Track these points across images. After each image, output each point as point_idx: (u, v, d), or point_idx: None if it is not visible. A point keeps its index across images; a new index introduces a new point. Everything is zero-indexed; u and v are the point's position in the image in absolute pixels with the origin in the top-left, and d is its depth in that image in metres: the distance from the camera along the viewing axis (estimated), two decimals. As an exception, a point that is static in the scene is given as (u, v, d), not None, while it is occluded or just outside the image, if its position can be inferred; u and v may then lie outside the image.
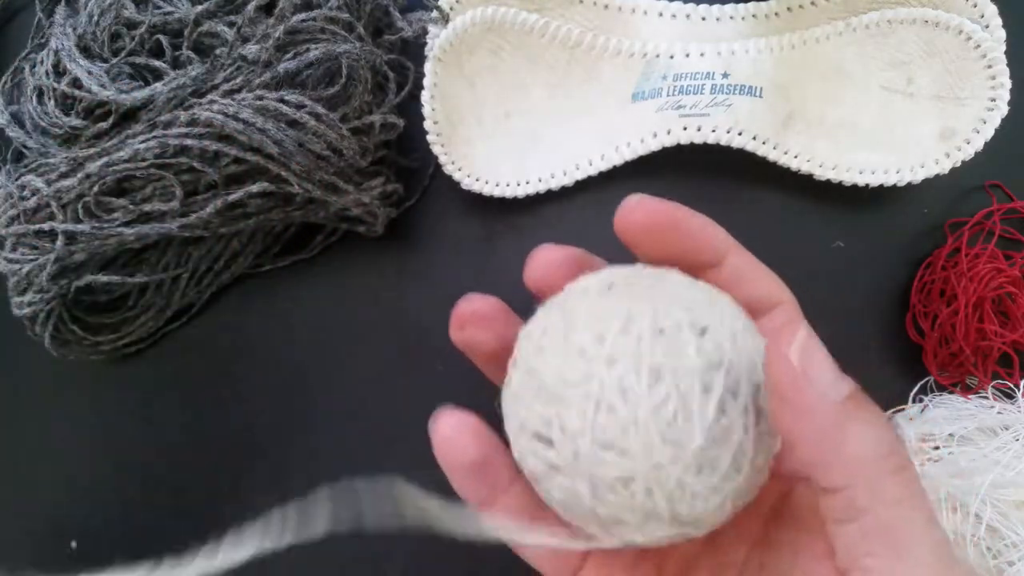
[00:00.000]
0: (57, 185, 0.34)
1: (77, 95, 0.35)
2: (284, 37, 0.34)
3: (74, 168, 0.34)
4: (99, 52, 0.36)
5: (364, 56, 0.35)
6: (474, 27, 0.37)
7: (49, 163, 0.35)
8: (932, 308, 0.37)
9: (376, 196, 0.37)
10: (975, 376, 0.36)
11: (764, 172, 0.38)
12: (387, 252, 0.41)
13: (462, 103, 0.38)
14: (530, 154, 0.39)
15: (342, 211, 0.37)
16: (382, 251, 0.41)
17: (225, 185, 0.34)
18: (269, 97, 0.33)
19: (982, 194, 0.39)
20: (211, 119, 0.32)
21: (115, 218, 0.34)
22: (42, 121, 0.36)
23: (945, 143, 0.36)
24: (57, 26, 0.37)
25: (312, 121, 0.33)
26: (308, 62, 0.34)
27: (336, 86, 0.35)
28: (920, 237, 0.39)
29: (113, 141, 0.34)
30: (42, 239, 0.35)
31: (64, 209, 0.34)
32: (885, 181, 0.37)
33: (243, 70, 0.34)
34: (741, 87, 0.37)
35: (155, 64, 0.36)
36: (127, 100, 0.34)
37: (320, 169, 0.34)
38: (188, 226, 0.35)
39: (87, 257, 0.35)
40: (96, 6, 0.36)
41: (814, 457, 0.20)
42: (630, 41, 0.38)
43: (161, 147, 0.33)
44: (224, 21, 0.37)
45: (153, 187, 0.34)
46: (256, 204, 0.35)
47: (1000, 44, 0.35)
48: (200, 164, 0.33)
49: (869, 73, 0.36)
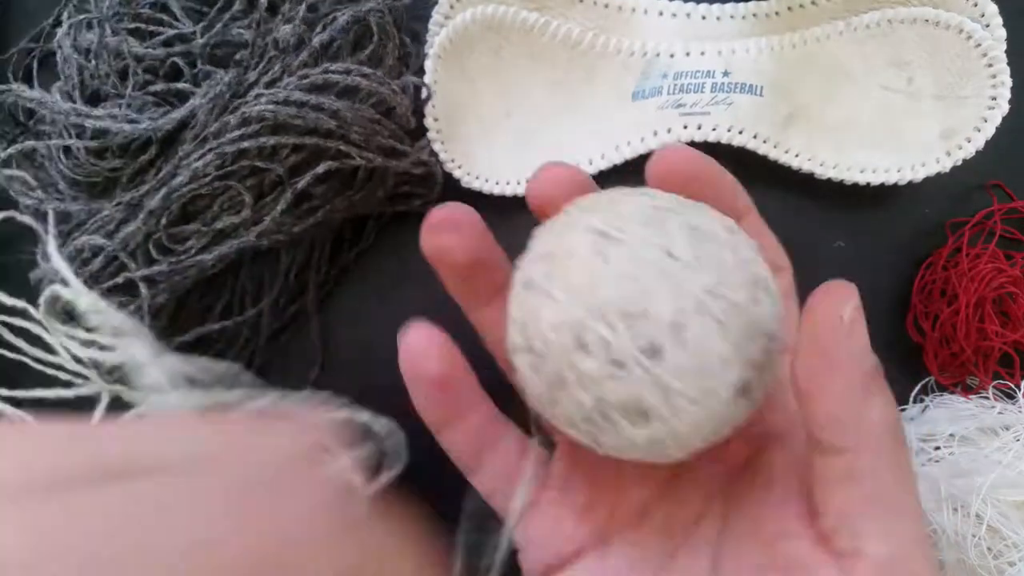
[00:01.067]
0: (120, 235, 0.32)
1: (109, 141, 0.33)
2: (308, 14, 0.34)
3: (132, 211, 0.33)
4: (115, 92, 0.35)
5: (389, 11, 0.35)
6: (474, 25, 0.37)
7: (102, 217, 0.33)
8: (933, 308, 0.37)
9: (430, 153, 0.37)
10: (976, 376, 0.36)
11: (765, 171, 0.38)
12: (383, 251, 0.41)
13: (462, 101, 0.38)
14: (530, 153, 0.39)
15: (398, 186, 0.37)
16: (377, 252, 0.41)
17: (290, 178, 0.33)
18: (314, 73, 0.32)
19: (983, 194, 0.39)
20: (263, 112, 0.31)
21: (190, 247, 0.33)
22: (77, 174, 0.34)
23: (946, 142, 0.36)
24: (52, 96, 0.35)
25: (364, 82, 0.33)
26: (339, 28, 0.33)
27: (368, 48, 0.34)
28: (921, 237, 0.39)
29: (166, 170, 0.33)
30: (117, 295, 0.33)
31: (134, 256, 0.33)
32: (886, 180, 0.37)
33: (277, 59, 0.33)
34: (742, 86, 0.37)
35: (177, 87, 0.35)
36: (167, 124, 0.33)
37: (377, 134, 0.34)
38: (265, 233, 0.33)
39: (169, 298, 0.34)
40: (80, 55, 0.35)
41: (837, 412, 0.20)
42: (630, 40, 0.38)
43: (220, 157, 0.32)
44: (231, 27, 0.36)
45: (219, 202, 0.33)
46: (321, 192, 0.34)
47: (1001, 43, 0.35)
48: (262, 162, 0.32)
49: (870, 72, 0.36)
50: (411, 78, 0.35)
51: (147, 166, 0.33)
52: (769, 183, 0.39)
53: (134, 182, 0.33)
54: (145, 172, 0.33)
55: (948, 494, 0.32)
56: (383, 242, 0.41)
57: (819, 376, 0.20)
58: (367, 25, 0.34)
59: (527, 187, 0.26)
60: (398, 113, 0.35)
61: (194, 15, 0.36)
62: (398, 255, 0.41)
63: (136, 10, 0.35)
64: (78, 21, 0.34)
